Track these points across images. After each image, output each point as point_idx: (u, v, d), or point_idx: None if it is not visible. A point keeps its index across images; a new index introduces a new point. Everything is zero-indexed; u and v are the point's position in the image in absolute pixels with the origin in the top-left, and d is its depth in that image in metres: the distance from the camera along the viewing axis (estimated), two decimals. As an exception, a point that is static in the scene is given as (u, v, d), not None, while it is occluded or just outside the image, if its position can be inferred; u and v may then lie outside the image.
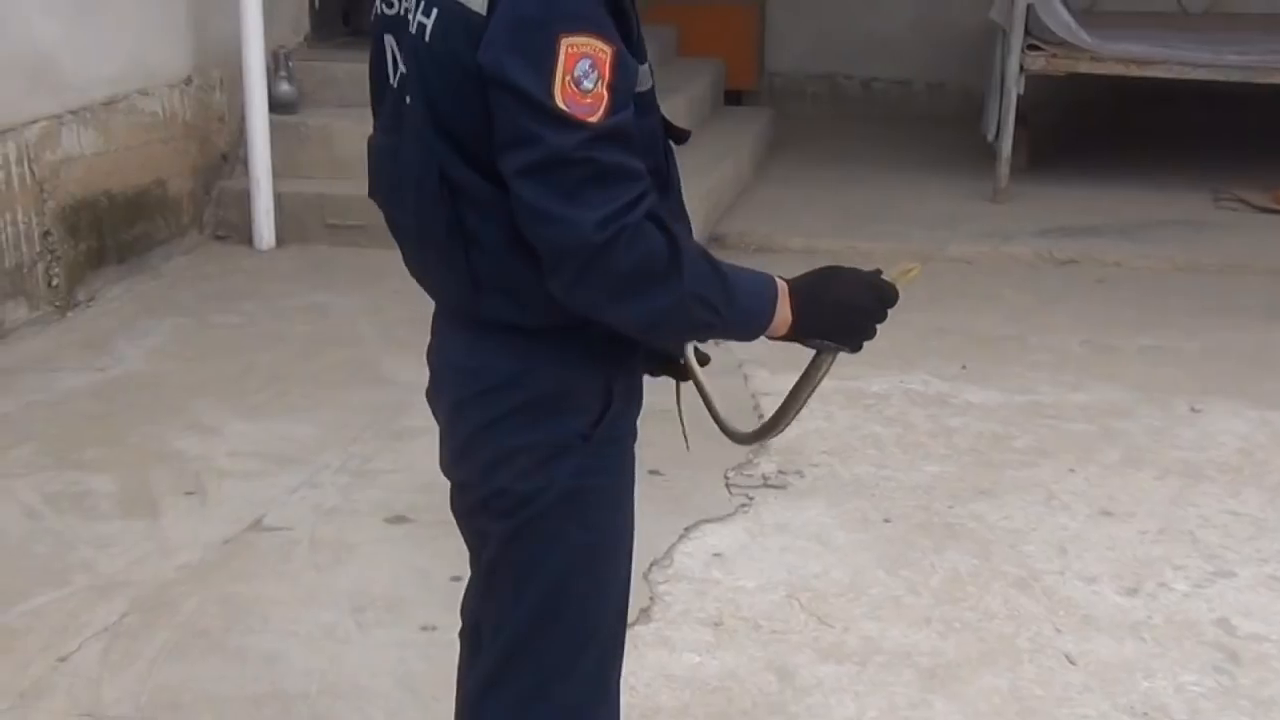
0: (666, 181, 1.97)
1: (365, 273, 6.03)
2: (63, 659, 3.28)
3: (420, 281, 2.04)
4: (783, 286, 1.92)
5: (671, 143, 2.01)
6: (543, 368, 1.93)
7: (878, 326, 1.97)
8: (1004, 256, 6.87)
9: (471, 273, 1.90)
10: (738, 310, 1.86)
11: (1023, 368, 5.32)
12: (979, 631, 3.46)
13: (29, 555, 3.77)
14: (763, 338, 1.94)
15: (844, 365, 1.77)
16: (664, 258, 1.78)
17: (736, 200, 7.49)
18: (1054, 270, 6.73)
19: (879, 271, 2.00)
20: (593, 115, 1.73)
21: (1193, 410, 4.91)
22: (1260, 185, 7.89)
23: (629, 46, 1.81)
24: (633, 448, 2.07)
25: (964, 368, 5.28)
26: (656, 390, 2.13)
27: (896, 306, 1.98)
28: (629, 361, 2.00)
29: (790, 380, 2.07)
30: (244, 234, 6.73)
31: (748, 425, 2.23)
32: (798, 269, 1.99)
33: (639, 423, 2.10)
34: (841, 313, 1.95)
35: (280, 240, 6.71)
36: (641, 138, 1.84)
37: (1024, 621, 3.50)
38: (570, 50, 1.73)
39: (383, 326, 5.36)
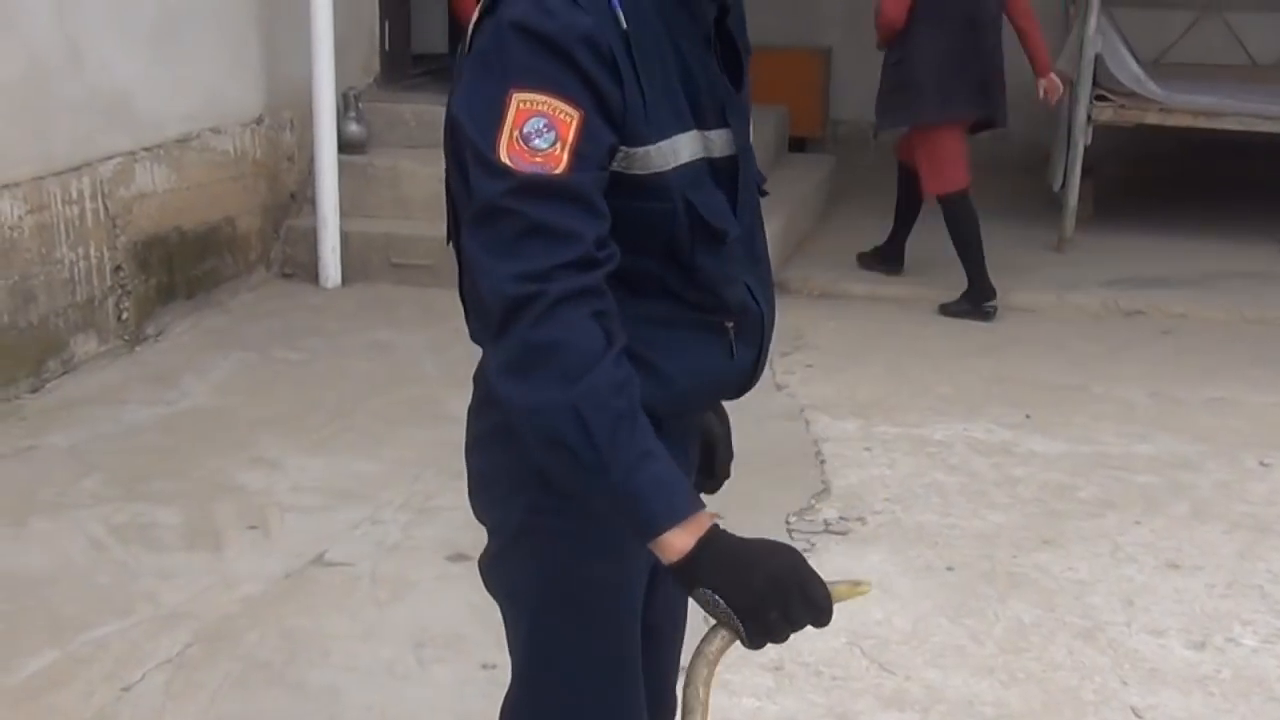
0: (691, 271, 1.80)
1: (429, 311, 6.06)
2: (126, 689, 3.30)
3: None
4: (703, 519, 1.66)
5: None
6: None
7: (785, 629, 1.65)
8: (1069, 306, 6.83)
9: (461, 290, 1.89)
10: (622, 480, 1.63)
11: (1087, 418, 5.27)
12: (1043, 682, 3.42)
13: (94, 585, 3.80)
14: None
15: (906, 411, 1.72)
16: (574, 353, 1.63)
17: (799, 247, 7.49)
18: (1119, 321, 6.68)
19: (826, 582, 1.70)
20: (541, 172, 1.64)
21: (1262, 464, 4.85)
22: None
23: (612, 110, 1.68)
24: None
25: (1028, 417, 5.24)
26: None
27: (928, 404, 1.83)
28: None
29: (849, 427, 1.99)
30: (310, 272, 6.80)
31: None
32: (861, 315, 1.90)
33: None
34: (752, 581, 1.63)
35: (346, 279, 6.77)
36: (643, 218, 1.74)
37: (1089, 673, 3.46)
38: (521, 106, 1.64)
39: (446, 365, 5.39)
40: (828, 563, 4.00)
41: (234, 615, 3.65)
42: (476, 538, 1.95)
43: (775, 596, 1.64)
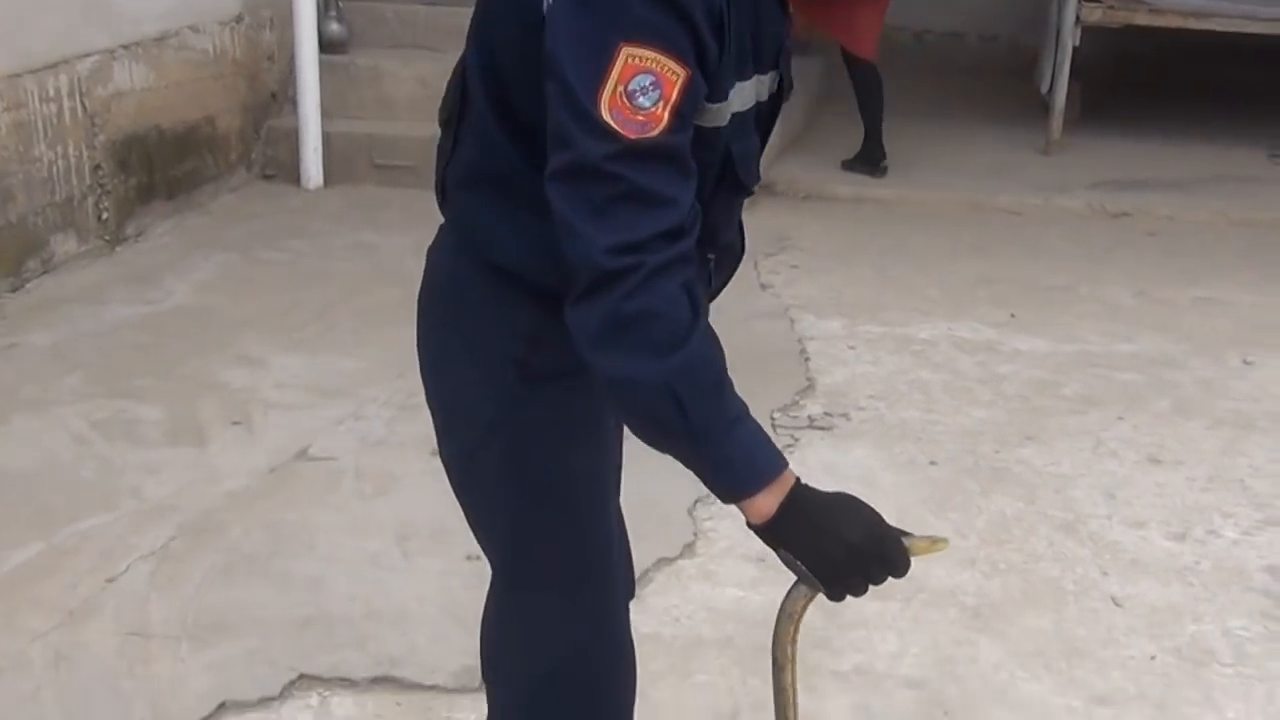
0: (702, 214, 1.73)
1: (412, 213, 6.01)
2: (111, 580, 3.31)
3: None
4: (787, 478, 1.67)
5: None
6: (483, 285, 1.83)
7: (863, 585, 1.67)
8: (1055, 208, 6.81)
9: (453, 176, 1.86)
10: (713, 451, 1.64)
11: (1072, 317, 5.27)
12: (1024, 573, 3.44)
13: (78, 480, 3.80)
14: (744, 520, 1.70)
15: (891, 311, 1.72)
16: (669, 327, 1.60)
17: (787, 149, 7.44)
18: (1106, 222, 6.67)
19: (906, 534, 1.71)
20: (641, 133, 1.57)
21: (1245, 363, 4.86)
22: (1317, 141, 7.79)
23: (709, 67, 1.63)
24: (591, 380, 1.84)
25: (1013, 316, 5.24)
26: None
27: (910, 301, 1.79)
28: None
29: (834, 325, 1.95)
30: (292, 173, 6.74)
31: None
32: (847, 217, 1.85)
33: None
34: (827, 541, 1.66)
35: (328, 180, 6.72)
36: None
37: (1070, 564, 3.48)
38: (630, 61, 1.56)
39: (429, 265, 5.35)
40: (812, 457, 4.01)
41: (218, 509, 3.65)
42: (460, 432, 1.94)
43: (855, 563, 1.65)
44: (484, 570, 2.10)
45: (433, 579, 3.35)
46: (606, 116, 1.56)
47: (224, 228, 6.10)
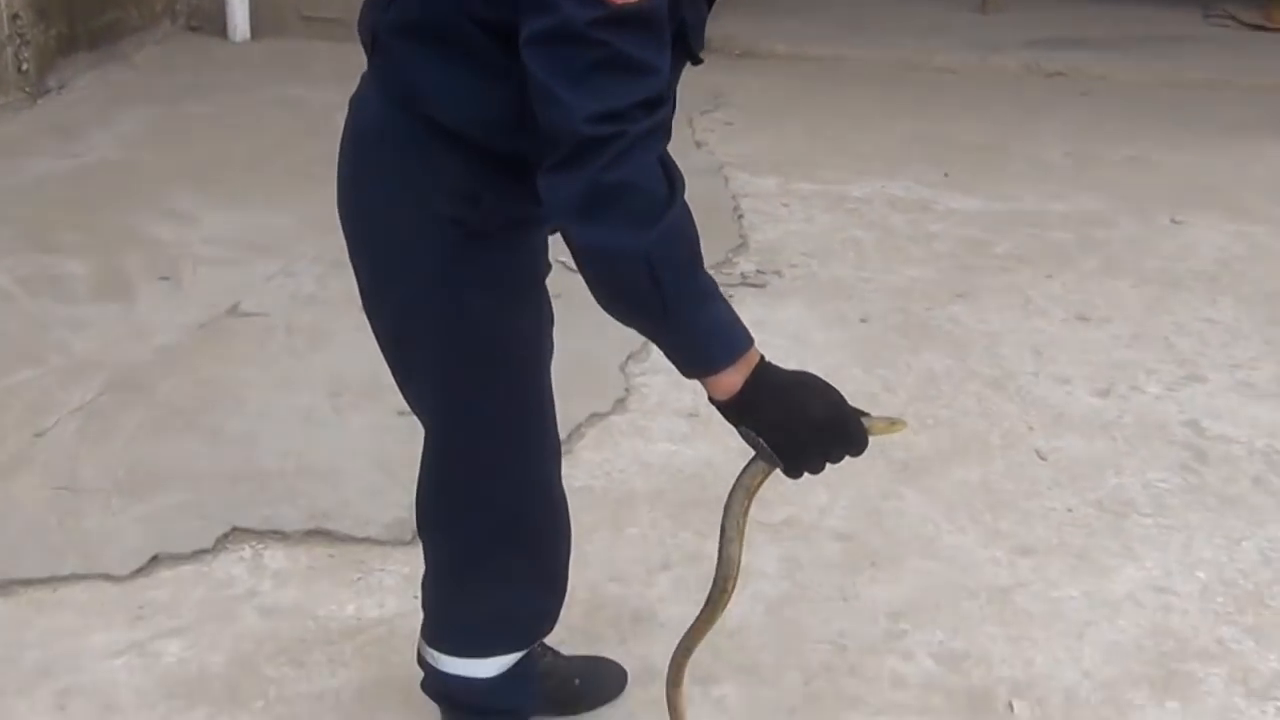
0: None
1: (342, 66, 5.83)
2: (39, 434, 3.29)
3: None
4: (753, 355, 1.69)
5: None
6: (418, 142, 1.80)
7: (822, 463, 1.71)
8: (990, 67, 6.78)
9: (406, 72, 1.80)
10: (684, 324, 1.64)
11: (1005, 176, 5.29)
12: (952, 428, 3.49)
13: (3, 335, 3.75)
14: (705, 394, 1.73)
15: (826, 169, 1.71)
16: (646, 198, 1.59)
17: (723, 5, 7.33)
18: (1040, 82, 6.66)
19: (864, 415, 1.74)
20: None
21: (1173, 221, 4.91)
22: (1251, 2, 7.78)
23: None
24: (529, 241, 1.91)
25: (946, 175, 5.25)
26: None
27: (844, 159, 1.77)
28: (507, 163, 1.79)
29: (768, 183, 1.92)
30: (217, 25, 6.60)
31: None
32: (783, 75, 1.82)
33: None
34: (790, 418, 1.68)
35: (255, 32, 6.58)
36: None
37: (997, 419, 3.53)
38: None
39: (360, 120, 5.27)
40: (744, 314, 3.98)
41: (147, 364, 3.62)
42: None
43: (817, 443, 1.69)
44: (416, 425, 2.10)
45: (364, 434, 3.35)
46: None
47: (149, 80, 5.98)
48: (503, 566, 2.05)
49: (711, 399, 1.71)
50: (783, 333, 3.90)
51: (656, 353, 2.24)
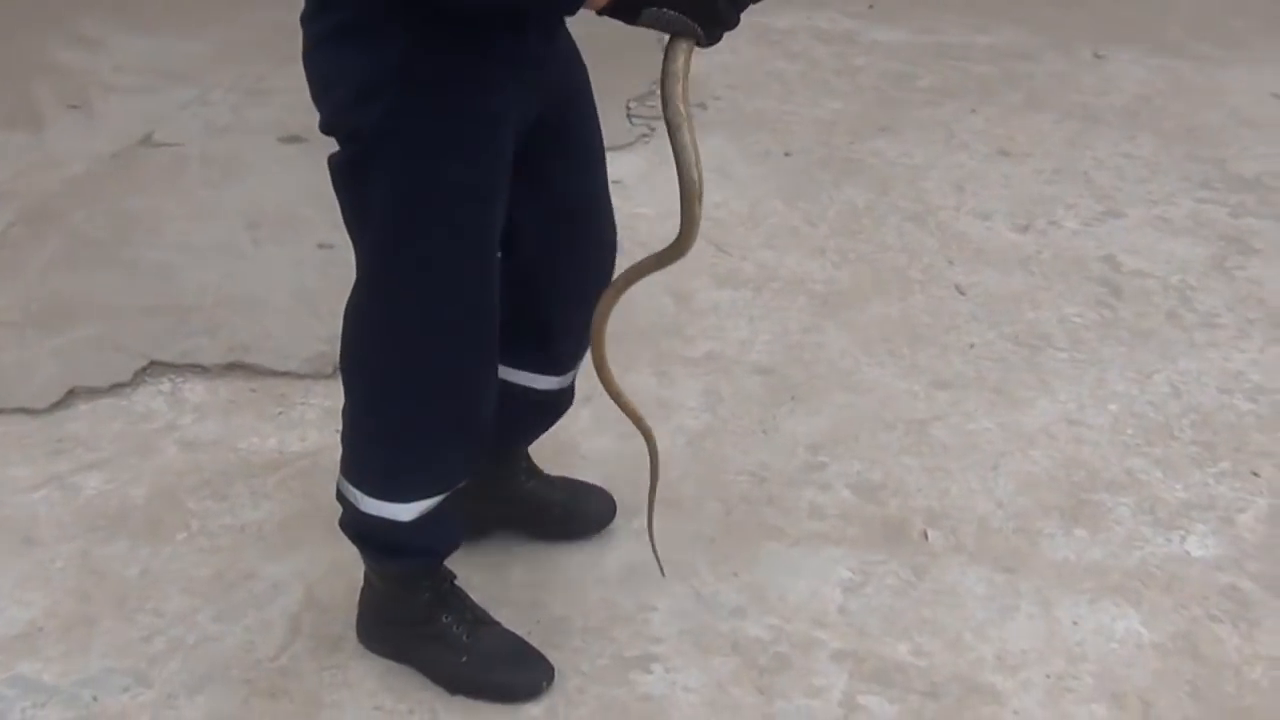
0: None
1: (255, -114, 5.74)
2: (-51, 266, 3.23)
3: None
4: None
5: None
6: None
7: (739, 15, 1.69)
8: (918, -105, 6.69)
9: None
10: None
11: (930, 8, 5.25)
12: (872, 262, 3.50)
13: (-92, 164, 3.66)
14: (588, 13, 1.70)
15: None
16: None
17: None
18: (968, -89, 6.57)
19: None
20: None
21: (1096, 55, 4.90)
22: None
23: None
24: (478, 96, 1.84)
25: (871, 6, 5.21)
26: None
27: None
28: None
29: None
30: None
31: None
32: None
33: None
34: None
35: None
36: None
37: (917, 254, 3.55)
38: None
39: (274, -57, 5.14)
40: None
41: (59, 194, 3.55)
42: (309, 120, 1.88)
43: None
44: (335, 257, 2.09)
45: (284, 266, 3.31)
46: None
47: (52, -102, 5.76)
48: (421, 411, 2.03)
49: (607, 12, 1.70)
50: (706, 165, 3.87)
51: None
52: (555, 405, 2.34)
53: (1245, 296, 3.41)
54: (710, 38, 1.70)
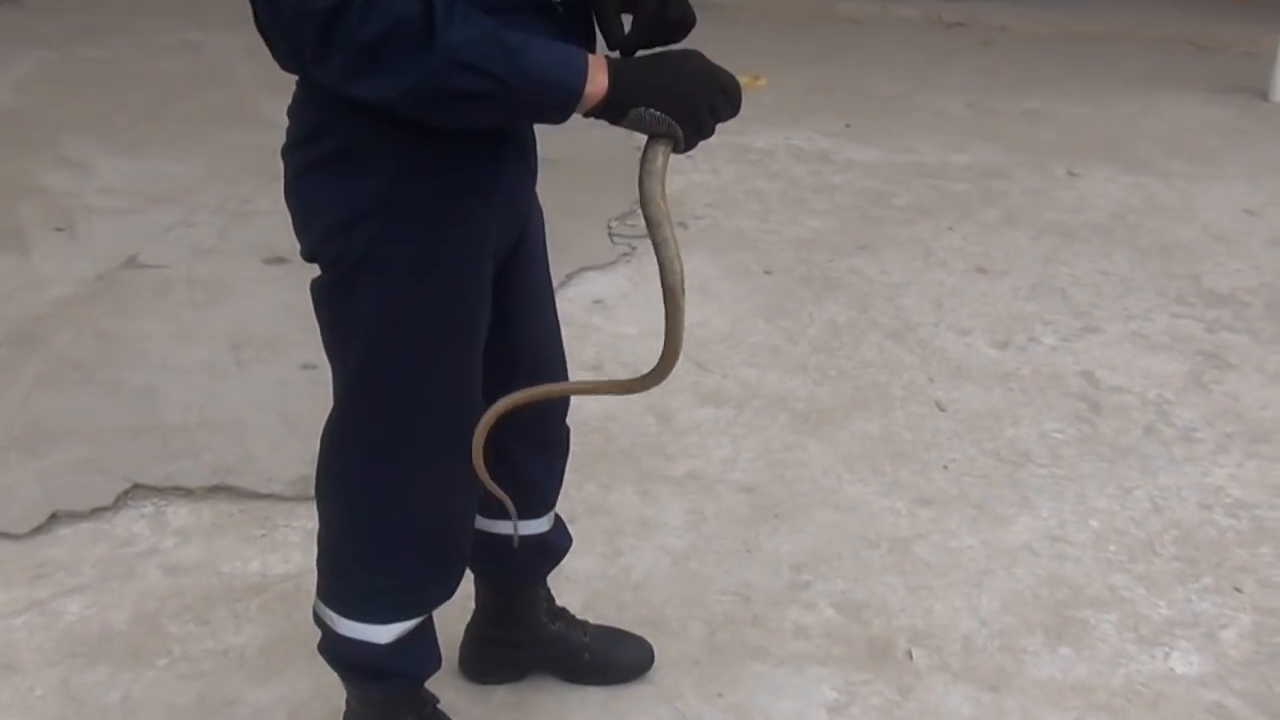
0: None
1: (239, 10, 5.74)
2: (-68, 390, 3.23)
3: None
4: (598, 58, 1.69)
5: None
6: (339, 123, 1.75)
7: (711, 113, 1.70)
8: (892, 16, 6.83)
9: (256, 21, 1.78)
10: (529, 78, 1.63)
11: (906, 127, 5.34)
12: (853, 379, 3.53)
13: (-107, 287, 3.68)
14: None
15: (729, 120, 1.69)
16: (413, 22, 1.56)
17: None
18: (941, 32, 6.71)
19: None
20: None
21: (1070, 173, 4.98)
22: (1148, -46, 7.89)
23: None
24: (461, 221, 1.85)
25: (848, 126, 5.29)
26: (541, 139, 2.04)
27: (739, 115, 1.74)
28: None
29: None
30: (112, -34, 6.46)
31: None
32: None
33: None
34: (669, 76, 1.69)
35: (150, -26, 6.45)
36: None
37: (897, 370, 3.58)
38: None
39: (259, 67, 5.19)
40: (649, 265, 4.04)
41: (44, 316, 3.57)
42: (293, 241, 1.90)
43: (701, 91, 1.70)
44: (318, 378, 2.09)
45: (267, 387, 3.32)
46: None
47: (40, 23, 5.84)
48: (399, 532, 2.03)
49: (595, 114, 1.71)
50: (688, 284, 3.91)
51: (560, 306, 2.25)
52: (551, 546, 2.33)
53: (1223, 411, 3.44)
54: (688, 142, 1.73)
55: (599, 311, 3.77)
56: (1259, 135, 5.54)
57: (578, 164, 2.10)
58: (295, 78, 1.83)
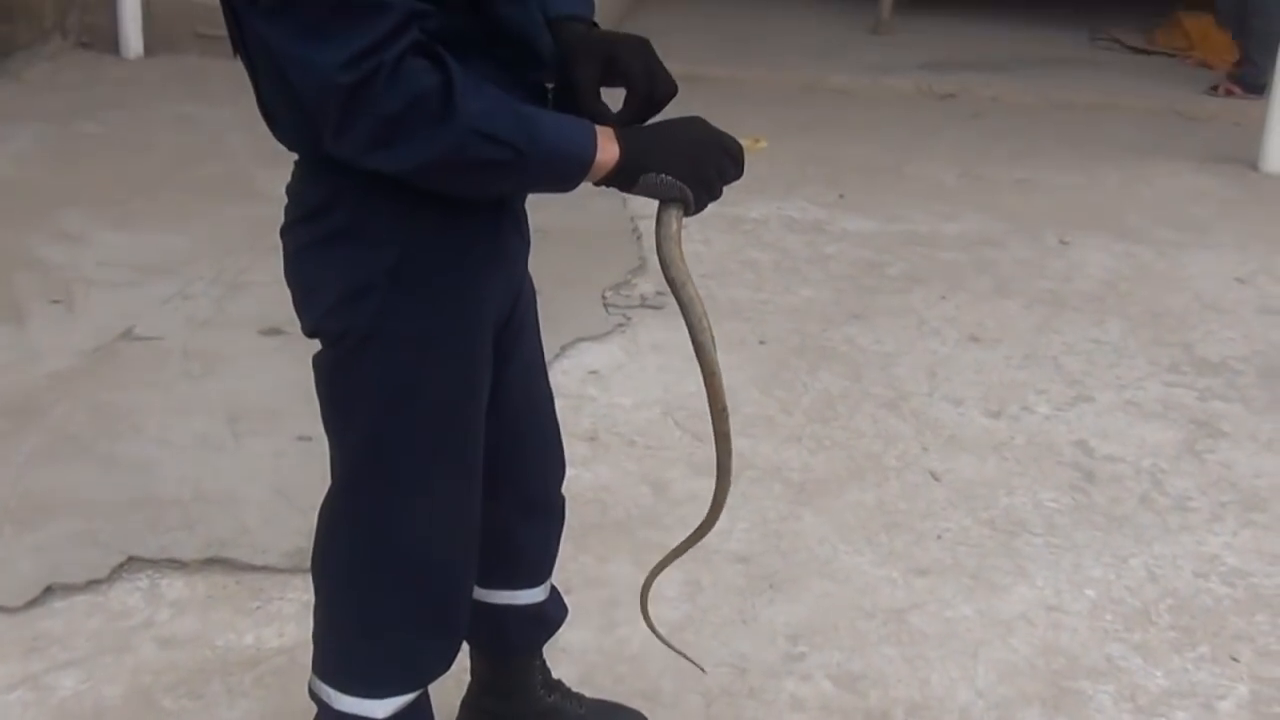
0: (497, 23, 1.74)
1: (237, 84, 5.76)
2: (-72, 463, 3.23)
3: None
4: (605, 128, 1.75)
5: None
6: (344, 198, 1.78)
7: (719, 176, 1.79)
8: (884, 88, 6.90)
9: (259, 99, 1.79)
10: (544, 146, 1.68)
11: (899, 197, 5.38)
12: (848, 449, 3.53)
13: (-110, 360, 3.68)
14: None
15: (734, 182, 1.72)
16: (435, 95, 1.60)
17: (616, 27, 7.40)
18: (933, 103, 6.78)
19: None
20: None
21: (1061, 242, 5.02)
22: (1136, 26, 7.99)
23: None
24: (464, 293, 1.87)
25: (841, 196, 5.33)
26: (538, 209, 2.06)
27: (742, 179, 1.82)
28: (437, 196, 1.77)
29: None
30: (110, 41, 6.52)
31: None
32: (679, 95, 1.84)
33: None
34: (678, 143, 1.77)
35: (149, 49, 6.52)
36: None
37: (892, 440, 3.59)
38: None
39: (255, 139, 5.18)
40: (643, 336, 4.06)
41: (39, 389, 3.57)
42: (290, 313, 1.91)
43: (709, 155, 1.79)
44: (314, 450, 2.09)
45: (263, 459, 3.32)
46: None
47: (39, 97, 5.89)
48: (392, 609, 2.03)
49: (606, 182, 1.76)
50: (681, 354, 3.92)
51: (556, 377, 2.26)
52: (546, 616, 2.33)
53: (1217, 480, 3.45)
54: (698, 205, 1.81)
55: (594, 382, 3.78)
56: (1248, 204, 5.59)
57: (572, 235, 2.12)
58: (293, 152, 1.86)
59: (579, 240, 4.40)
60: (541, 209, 2.14)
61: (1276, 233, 5.24)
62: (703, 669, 2.42)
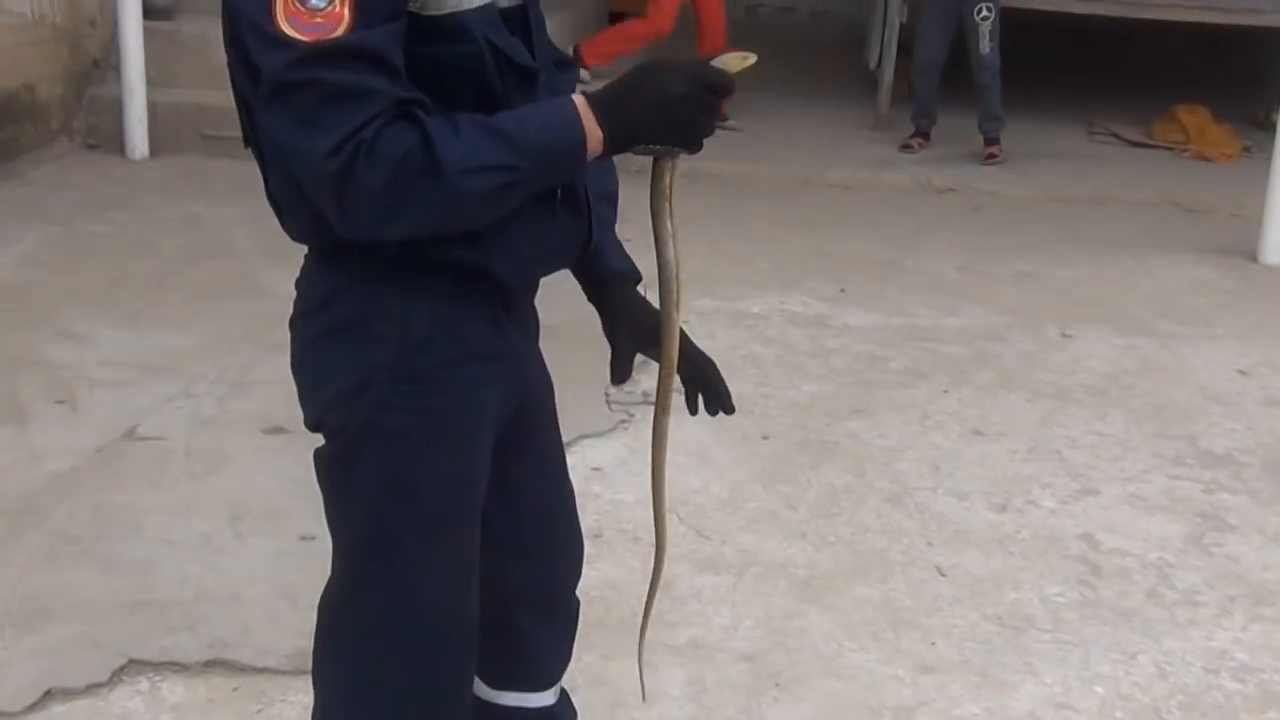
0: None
1: (241, 184, 5.82)
2: (-71, 565, 3.22)
3: None
4: (580, 102, 1.71)
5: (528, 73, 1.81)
6: (347, 292, 1.80)
7: (709, 120, 1.72)
8: (883, 183, 6.95)
9: (268, 192, 1.81)
10: (534, 153, 1.67)
11: (900, 291, 5.40)
12: (853, 545, 3.52)
13: (-108, 462, 3.68)
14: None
15: (725, 284, 1.75)
16: (417, 154, 1.61)
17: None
18: (932, 197, 6.82)
19: (708, 60, 1.75)
20: (321, 35, 1.58)
21: (1063, 335, 5.03)
22: (1133, 119, 8.06)
23: None
24: (462, 390, 1.87)
25: (843, 290, 5.34)
26: (541, 308, 2.07)
27: (735, 282, 1.83)
28: (438, 289, 1.80)
29: None
30: (116, 143, 6.58)
31: None
32: (679, 191, 1.84)
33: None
34: (657, 109, 1.70)
35: (154, 150, 6.57)
36: (450, 63, 1.70)
37: (896, 535, 3.57)
38: None
39: (259, 238, 5.27)
40: (646, 432, 4.02)
41: (41, 490, 3.57)
42: (293, 411, 1.91)
43: (690, 101, 1.70)
44: (317, 549, 2.09)
45: (265, 559, 3.31)
46: (283, 26, 1.58)
47: (45, 198, 5.94)
48: (398, 708, 2.01)
49: (602, 155, 1.73)
50: (684, 450, 3.92)
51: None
52: None
53: (1224, 574, 3.43)
54: (694, 150, 1.76)
55: (598, 479, 3.77)
56: (1249, 296, 5.61)
57: (575, 331, 2.13)
58: (301, 248, 1.88)
59: (581, 337, 4.38)
60: (544, 307, 2.15)
61: (1278, 324, 5.26)
62: None
